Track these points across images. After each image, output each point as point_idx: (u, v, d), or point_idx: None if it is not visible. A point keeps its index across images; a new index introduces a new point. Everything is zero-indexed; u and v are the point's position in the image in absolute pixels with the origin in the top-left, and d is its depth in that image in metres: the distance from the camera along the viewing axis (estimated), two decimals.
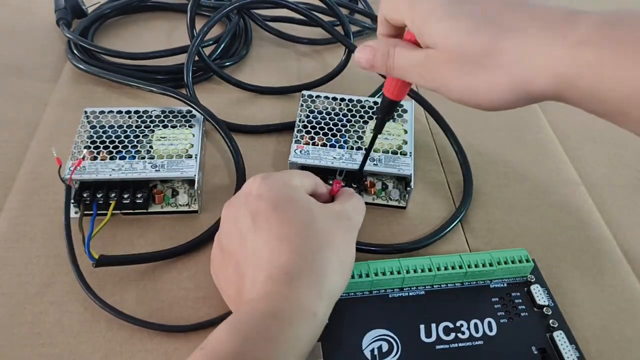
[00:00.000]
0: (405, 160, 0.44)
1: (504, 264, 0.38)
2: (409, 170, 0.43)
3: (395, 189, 0.45)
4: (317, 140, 0.45)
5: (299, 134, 0.45)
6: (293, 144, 0.44)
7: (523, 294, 0.38)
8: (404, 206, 0.45)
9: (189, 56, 0.53)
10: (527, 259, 0.39)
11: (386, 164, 0.43)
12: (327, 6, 0.56)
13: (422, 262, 0.38)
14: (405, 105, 0.49)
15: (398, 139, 0.45)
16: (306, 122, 0.46)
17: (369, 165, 0.43)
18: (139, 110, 0.47)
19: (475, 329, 0.36)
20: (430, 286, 0.38)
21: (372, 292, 0.38)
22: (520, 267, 0.38)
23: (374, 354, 0.34)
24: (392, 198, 0.45)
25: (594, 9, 0.27)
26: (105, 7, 0.63)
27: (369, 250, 0.41)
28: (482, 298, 0.38)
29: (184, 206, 0.43)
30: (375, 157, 0.44)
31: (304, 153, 0.43)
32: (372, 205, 0.45)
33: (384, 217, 0.45)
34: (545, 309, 0.37)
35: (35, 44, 0.61)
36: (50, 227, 0.42)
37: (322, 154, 0.43)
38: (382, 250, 0.42)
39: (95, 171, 0.41)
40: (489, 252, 0.39)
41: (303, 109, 0.48)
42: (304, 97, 0.48)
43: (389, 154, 0.44)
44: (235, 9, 0.58)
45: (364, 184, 0.44)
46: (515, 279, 0.39)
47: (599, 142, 0.53)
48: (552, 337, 0.35)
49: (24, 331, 0.36)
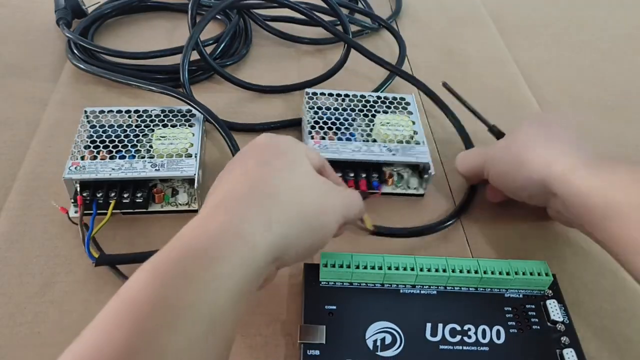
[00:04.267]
0: (420, 149, 0.45)
1: (522, 275, 0.37)
2: (425, 158, 0.45)
3: (413, 178, 0.46)
4: (328, 137, 0.45)
5: (313, 131, 0.46)
6: (310, 141, 0.44)
7: (538, 307, 0.37)
8: (422, 194, 0.46)
9: (184, 54, 0.52)
10: (547, 272, 0.38)
11: (403, 153, 0.45)
12: (328, 6, 0.56)
13: (437, 262, 0.38)
14: (407, 99, 0.50)
15: (408, 129, 0.46)
16: (316, 118, 0.47)
17: (387, 155, 0.44)
18: (139, 109, 0.47)
19: (482, 334, 0.35)
20: (443, 287, 0.38)
21: (384, 284, 0.37)
22: (538, 280, 0.37)
23: (376, 344, 0.34)
24: (410, 186, 0.46)
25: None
26: (105, 7, 0.63)
27: (390, 234, 0.42)
28: (495, 306, 0.37)
29: (184, 205, 0.43)
30: (392, 148, 0.45)
31: (323, 147, 0.44)
32: (392, 195, 0.46)
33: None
34: (558, 325, 0.36)
35: (35, 44, 0.61)
36: (50, 227, 0.42)
37: (341, 148, 0.44)
38: (402, 234, 0.43)
39: (95, 171, 0.41)
40: (507, 261, 0.38)
41: (309, 107, 0.48)
42: (309, 95, 0.49)
43: (404, 144, 0.45)
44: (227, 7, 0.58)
45: (383, 174, 0.45)
46: (532, 291, 0.38)
47: (599, 142, 0.53)
48: (562, 354, 0.35)
49: (24, 331, 0.36)
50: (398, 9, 0.71)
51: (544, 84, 0.60)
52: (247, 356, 0.35)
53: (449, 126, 0.53)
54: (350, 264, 0.37)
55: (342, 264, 0.37)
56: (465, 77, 0.61)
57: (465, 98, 0.50)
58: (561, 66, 0.63)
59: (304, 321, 0.35)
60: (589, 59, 0.65)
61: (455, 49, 0.65)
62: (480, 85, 0.59)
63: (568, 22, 0.72)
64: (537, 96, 0.58)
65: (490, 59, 0.64)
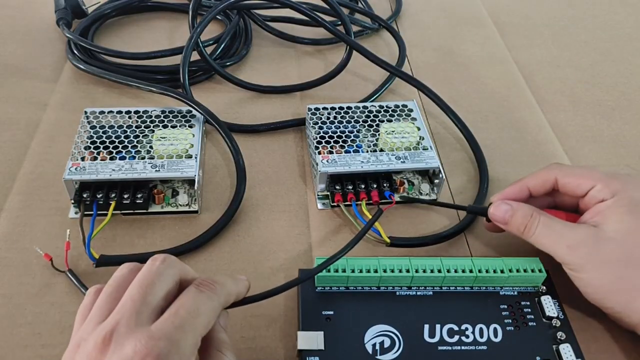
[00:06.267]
0: (429, 154, 0.45)
1: (516, 272, 0.37)
2: (435, 162, 0.44)
3: (424, 183, 0.46)
4: (336, 151, 0.45)
5: (320, 146, 0.45)
6: (317, 156, 0.44)
7: (533, 303, 0.37)
8: (435, 199, 0.46)
9: (184, 54, 0.52)
10: (540, 268, 0.38)
11: (412, 159, 0.44)
12: (329, 6, 0.56)
13: (432, 262, 0.38)
14: (409, 105, 0.49)
15: (414, 135, 0.46)
16: (322, 133, 0.46)
17: (396, 164, 0.44)
18: (139, 110, 0.47)
19: (480, 333, 0.35)
20: (438, 287, 0.38)
21: (380, 287, 0.38)
22: (532, 277, 0.37)
23: (375, 348, 0.34)
24: (422, 192, 0.46)
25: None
26: (105, 7, 0.63)
27: (409, 245, 0.42)
28: (491, 304, 0.37)
29: (184, 206, 0.43)
30: (401, 156, 0.44)
31: (332, 162, 0.43)
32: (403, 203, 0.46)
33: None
34: (554, 321, 0.36)
35: (35, 44, 0.61)
36: (50, 227, 0.42)
37: (349, 160, 0.44)
38: (420, 243, 0.42)
39: (95, 171, 0.41)
40: (501, 259, 0.38)
41: (313, 123, 0.47)
42: (311, 111, 0.48)
43: (411, 150, 0.45)
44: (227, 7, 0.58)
45: (394, 182, 0.45)
46: (527, 288, 0.38)
47: (599, 142, 0.53)
48: (558, 349, 0.35)
49: (25, 332, 0.36)
50: (398, 9, 0.71)
51: (544, 84, 0.60)
52: (247, 358, 0.35)
53: (450, 127, 0.53)
54: (345, 268, 0.37)
55: (338, 268, 0.37)
56: (465, 77, 0.61)
57: (466, 98, 0.50)
58: (561, 66, 0.63)
59: (302, 328, 0.35)
60: (589, 59, 0.65)
61: (455, 49, 0.65)
62: (480, 85, 0.59)
63: (568, 22, 0.72)
64: (537, 96, 0.58)
65: (490, 59, 0.64)
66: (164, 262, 0.29)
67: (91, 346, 0.25)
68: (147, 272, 0.28)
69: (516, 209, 0.38)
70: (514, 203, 0.38)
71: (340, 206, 0.44)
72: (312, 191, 0.46)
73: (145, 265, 0.29)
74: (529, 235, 0.37)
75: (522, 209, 0.37)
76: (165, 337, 0.25)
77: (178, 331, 0.26)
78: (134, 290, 0.27)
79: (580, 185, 0.37)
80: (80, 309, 0.29)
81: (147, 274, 0.28)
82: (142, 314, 0.26)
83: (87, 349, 0.25)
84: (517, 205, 0.38)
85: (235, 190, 0.44)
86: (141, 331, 0.25)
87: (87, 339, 0.26)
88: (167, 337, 0.25)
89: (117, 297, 0.28)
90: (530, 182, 0.39)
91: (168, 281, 0.28)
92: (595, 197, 0.36)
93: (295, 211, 0.45)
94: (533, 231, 0.36)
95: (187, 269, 0.30)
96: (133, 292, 0.27)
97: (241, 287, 0.32)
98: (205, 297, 0.28)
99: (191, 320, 0.27)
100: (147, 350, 0.24)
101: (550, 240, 0.36)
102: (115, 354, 0.25)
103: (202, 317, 0.27)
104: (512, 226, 0.38)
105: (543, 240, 0.36)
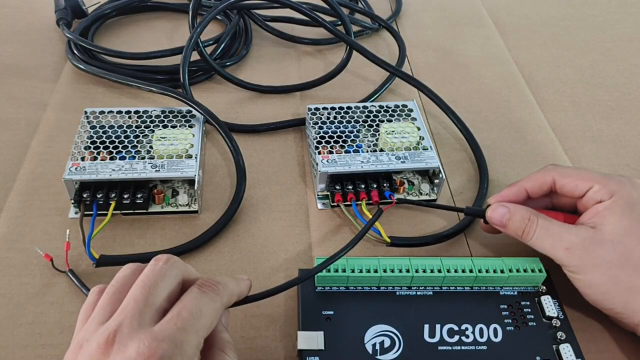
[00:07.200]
0: (429, 154, 0.45)
1: (516, 272, 0.37)
2: (435, 162, 0.44)
3: (424, 183, 0.46)
4: (336, 151, 0.45)
5: (320, 146, 0.45)
6: (317, 156, 0.44)
7: (533, 303, 0.37)
8: (435, 199, 0.46)
9: (184, 55, 0.52)
10: (540, 268, 0.38)
11: (412, 159, 0.44)
12: (329, 6, 0.56)
13: (432, 262, 0.38)
14: (409, 105, 0.49)
15: (414, 135, 0.46)
16: (322, 133, 0.46)
17: (396, 164, 0.44)
18: (139, 110, 0.47)
19: (480, 333, 0.36)
20: (438, 287, 0.38)
21: (380, 287, 0.38)
22: (532, 277, 0.37)
23: (375, 348, 0.34)
24: (422, 192, 0.46)
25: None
26: (105, 7, 0.63)
27: (409, 245, 0.42)
28: (491, 304, 0.37)
29: (184, 206, 0.43)
30: (401, 156, 0.44)
31: (332, 162, 0.43)
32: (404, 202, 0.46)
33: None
34: (554, 321, 0.36)
35: (35, 44, 0.61)
36: (50, 227, 0.42)
37: (349, 160, 0.44)
38: (420, 243, 0.42)
39: (95, 171, 0.41)
40: (501, 259, 0.38)
41: (313, 123, 0.47)
42: (311, 111, 0.48)
43: (411, 150, 0.45)
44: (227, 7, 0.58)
45: (394, 182, 0.45)
46: (527, 288, 0.38)
47: (599, 142, 0.53)
48: (558, 349, 0.35)
49: (25, 332, 0.36)
50: (398, 9, 0.71)
51: (544, 84, 0.60)
52: (247, 358, 0.35)
53: (450, 127, 0.53)
54: (345, 268, 0.37)
55: (338, 268, 0.37)
56: (465, 77, 0.61)
57: (466, 98, 0.50)
58: (561, 66, 0.63)
59: (302, 328, 0.35)
60: (589, 59, 0.65)
61: (455, 49, 0.65)
62: (480, 86, 0.59)
63: (568, 22, 0.72)
64: (537, 96, 0.58)
65: (490, 59, 0.64)
66: (166, 263, 0.29)
67: (94, 347, 0.25)
68: (149, 273, 0.28)
69: (514, 212, 0.37)
70: (512, 205, 0.38)
71: (340, 206, 0.44)
72: (312, 191, 0.46)
73: (147, 266, 0.29)
74: (527, 238, 0.37)
75: (519, 212, 0.37)
76: (168, 338, 0.25)
77: (181, 332, 0.26)
78: (136, 291, 0.27)
79: (578, 186, 0.37)
80: (82, 308, 0.29)
81: (149, 275, 0.28)
82: (145, 315, 0.26)
83: (90, 349, 0.25)
84: (515, 208, 0.38)
85: (235, 190, 0.45)
86: (144, 332, 0.25)
87: (89, 340, 0.26)
88: (170, 339, 0.25)
89: (119, 297, 0.28)
90: (528, 183, 0.39)
91: (171, 282, 0.28)
92: (593, 198, 0.36)
93: (295, 211, 0.45)
94: (531, 235, 0.36)
95: (190, 270, 0.30)
96: (136, 292, 0.27)
97: (243, 287, 0.32)
98: (208, 298, 0.28)
99: (194, 322, 0.27)
100: (150, 352, 0.24)
101: (548, 243, 0.36)
102: (118, 355, 0.25)
103: (204, 318, 0.27)
104: (510, 229, 0.38)
105: (541, 243, 0.36)
